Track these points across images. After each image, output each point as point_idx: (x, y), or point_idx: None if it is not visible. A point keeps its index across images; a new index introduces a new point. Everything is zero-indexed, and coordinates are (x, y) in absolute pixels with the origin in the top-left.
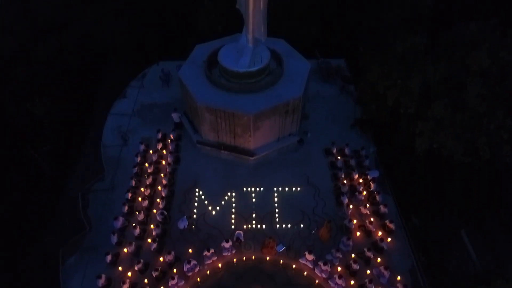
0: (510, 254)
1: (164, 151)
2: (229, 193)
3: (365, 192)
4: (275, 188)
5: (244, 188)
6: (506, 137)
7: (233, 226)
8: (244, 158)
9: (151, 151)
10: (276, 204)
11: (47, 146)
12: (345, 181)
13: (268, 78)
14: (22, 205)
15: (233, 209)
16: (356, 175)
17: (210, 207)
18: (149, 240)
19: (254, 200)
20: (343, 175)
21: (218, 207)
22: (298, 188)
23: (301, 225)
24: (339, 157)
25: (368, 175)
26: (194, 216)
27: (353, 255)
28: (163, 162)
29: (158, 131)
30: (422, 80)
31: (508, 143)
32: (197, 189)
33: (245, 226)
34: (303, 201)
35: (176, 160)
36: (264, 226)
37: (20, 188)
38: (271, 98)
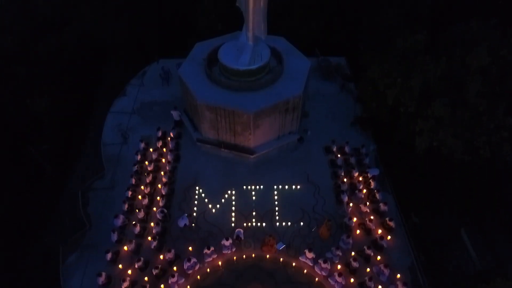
0: (510, 254)
1: (164, 149)
2: (229, 191)
3: (365, 190)
4: (275, 186)
5: (244, 186)
6: (506, 136)
7: (233, 224)
8: (244, 156)
9: (151, 149)
10: (276, 202)
11: (47, 145)
12: (345, 179)
13: (268, 76)
14: (22, 204)
15: (233, 207)
16: (356, 173)
17: (210, 205)
18: (149, 238)
19: (254, 198)
20: (343, 173)
21: (218, 205)
22: (298, 186)
23: (301, 223)
24: (339, 155)
25: (368, 173)
26: (194, 214)
27: (353, 253)
28: (163, 160)
29: (158, 129)
30: (422, 79)
31: (508, 142)
32: (197, 187)
33: (245, 224)
34: (303, 199)
35: (176, 158)
36: (264, 224)
37: (20, 187)
38: (271, 96)
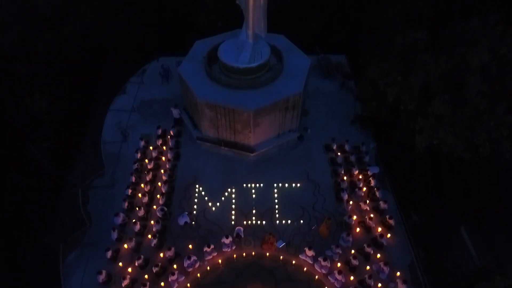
0: (510, 254)
1: (164, 147)
2: (229, 189)
3: (365, 188)
4: (275, 184)
5: (244, 184)
6: (506, 134)
7: (233, 222)
8: (244, 154)
9: (151, 147)
10: (276, 200)
11: (47, 143)
12: (345, 177)
13: (268, 74)
14: (22, 202)
15: (233, 205)
16: (356, 171)
17: (210, 203)
18: (149, 236)
19: (254, 196)
20: (343, 171)
21: (218, 203)
22: (298, 184)
23: (301, 221)
24: (339, 153)
25: (369, 171)
26: (194, 212)
27: (353, 251)
28: (163, 158)
29: (158, 127)
30: (422, 77)
31: (508, 140)
32: (197, 185)
33: (245, 222)
34: (303, 197)
35: (176, 156)
36: (264, 222)
37: (20, 185)
38: (271, 94)
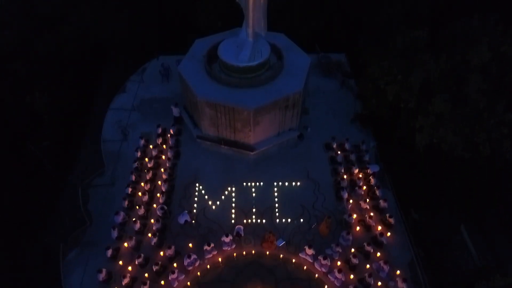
0: (510, 254)
1: (164, 146)
2: (229, 188)
3: (365, 187)
4: (275, 183)
5: (244, 183)
6: (506, 132)
7: (233, 221)
8: (244, 153)
9: (151, 146)
10: (276, 199)
11: (47, 142)
12: (345, 176)
13: (268, 73)
14: (22, 201)
15: (233, 204)
16: (356, 170)
17: (210, 202)
18: (150, 235)
19: (254, 195)
20: (343, 170)
21: (218, 202)
22: (298, 183)
23: (301, 220)
24: (339, 152)
25: (369, 169)
26: (194, 211)
27: (353, 250)
28: (163, 157)
29: (158, 126)
30: (423, 76)
31: (508, 138)
32: (197, 184)
33: (245, 221)
34: (303, 196)
35: (176, 155)
36: (264, 221)
37: (20, 184)
38: (271, 93)
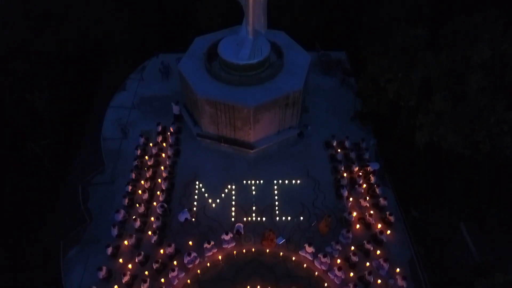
0: (510, 253)
1: (164, 144)
2: (229, 186)
3: (365, 185)
4: (275, 181)
5: (244, 181)
6: (506, 130)
7: (233, 219)
8: (244, 151)
9: (151, 144)
10: (276, 197)
11: (47, 140)
12: (345, 174)
13: (268, 71)
14: (23, 199)
15: (233, 202)
16: (356, 168)
17: (210, 200)
18: (150, 233)
19: (254, 193)
20: (343, 168)
21: (218, 200)
22: (298, 181)
23: (301, 218)
24: (339, 150)
25: (369, 167)
26: (194, 209)
27: (353, 248)
28: (163, 155)
29: (158, 124)
30: (423, 73)
31: (508, 136)
32: (197, 182)
33: (245, 219)
34: (303, 194)
35: (176, 153)
36: (264, 219)
37: (20, 182)
38: (271, 91)
